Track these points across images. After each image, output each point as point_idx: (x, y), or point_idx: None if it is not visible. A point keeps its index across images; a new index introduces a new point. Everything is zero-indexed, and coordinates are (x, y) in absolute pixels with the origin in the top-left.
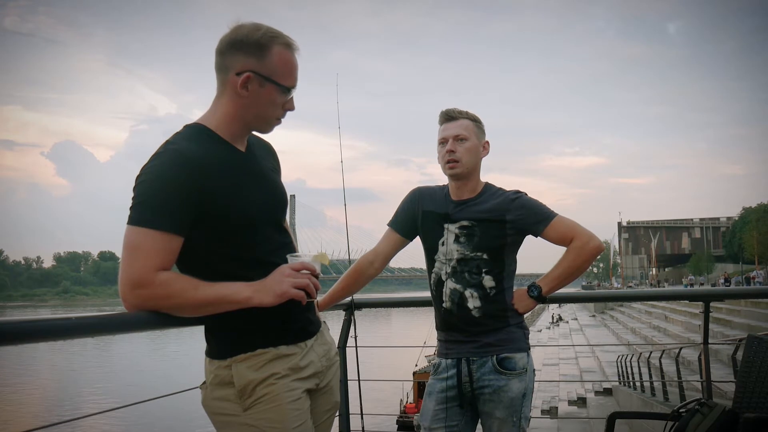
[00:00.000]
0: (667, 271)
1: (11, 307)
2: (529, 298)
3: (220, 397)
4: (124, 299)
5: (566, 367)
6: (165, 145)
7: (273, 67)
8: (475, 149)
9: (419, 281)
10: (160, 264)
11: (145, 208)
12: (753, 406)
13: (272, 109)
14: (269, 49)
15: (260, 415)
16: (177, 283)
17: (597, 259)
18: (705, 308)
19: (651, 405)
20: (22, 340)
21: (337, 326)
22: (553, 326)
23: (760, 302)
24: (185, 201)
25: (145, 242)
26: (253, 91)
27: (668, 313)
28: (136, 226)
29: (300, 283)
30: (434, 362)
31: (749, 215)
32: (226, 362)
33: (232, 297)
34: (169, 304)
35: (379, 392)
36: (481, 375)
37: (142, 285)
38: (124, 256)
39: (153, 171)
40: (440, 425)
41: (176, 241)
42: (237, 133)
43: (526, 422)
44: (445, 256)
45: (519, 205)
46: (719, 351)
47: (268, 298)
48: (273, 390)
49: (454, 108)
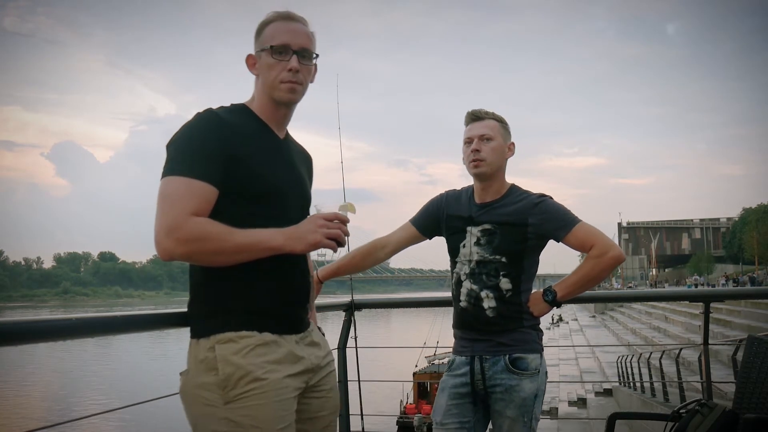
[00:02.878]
0: (667, 272)
1: (11, 308)
2: (544, 302)
3: (200, 385)
4: (159, 244)
5: (566, 368)
6: (198, 112)
7: (263, 39)
8: (500, 149)
9: (419, 281)
10: (194, 209)
11: (178, 159)
12: (753, 406)
13: (272, 72)
14: (264, 28)
15: (243, 411)
16: (212, 225)
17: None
18: (705, 309)
19: (651, 406)
20: (22, 340)
21: (337, 327)
22: (554, 327)
23: (761, 303)
24: (215, 155)
25: (180, 189)
26: (258, 66)
27: (668, 313)
28: (170, 176)
29: (332, 234)
30: (449, 359)
31: (749, 216)
32: (209, 342)
33: (267, 243)
34: (205, 248)
35: (379, 393)
36: (493, 373)
37: (178, 227)
38: (159, 206)
39: (187, 127)
40: (452, 420)
41: (209, 190)
42: (271, 113)
43: (535, 423)
44: (466, 257)
45: (541, 210)
46: (719, 352)
47: (300, 246)
48: (260, 386)
49: (480, 108)
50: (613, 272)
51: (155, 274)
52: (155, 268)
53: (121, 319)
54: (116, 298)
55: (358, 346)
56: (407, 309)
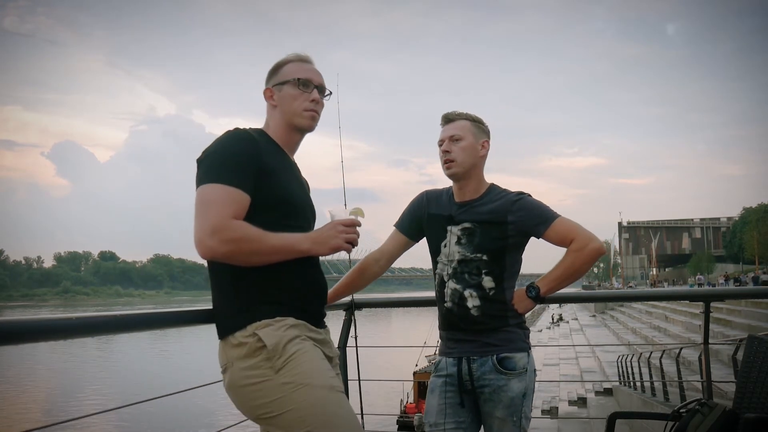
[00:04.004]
0: (668, 272)
1: (12, 307)
2: (528, 299)
3: (249, 366)
4: (202, 244)
5: (566, 367)
6: (230, 129)
7: (283, 74)
8: (471, 148)
9: (419, 281)
10: (234, 213)
11: (216, 169)
12: (753, 406)
13: (295, 102)
14: (281, 67)
15: (295, 370)
16: (251, 228)
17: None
18: (705, 308)
19: (651, 405)
20: (23, 339)
21: (338, 326)
22: (554, 326)
23: (761, 302)
24: (248, 167)
25: (220, 195)
26: (277, 98)
27: (669, 313)
28: (209, 183)
29: (351, 239)
30: (435, 361)
31: (749, 215)
32: (248, 331)
33: (297, 246)
34: (246, 248)
35: (379, 392)
36: (481, 374)
37: (222, 228)
38: (199, 209)
39: (220, 143)
40: (444, 420)
41: (245, 197)
42: (285, 139)
43: (526, 422)
44: (447, 257)
45: (520, 207)
46: (720, 351)
47: (324, 250)
48: (303, 347)
49: (453, 111)
50: (614, 272)
51: (155, 274)
52: (155, 267)
53: (121, 319)
54: (116, 298)
55: (358, 346)
56: (407, 308)
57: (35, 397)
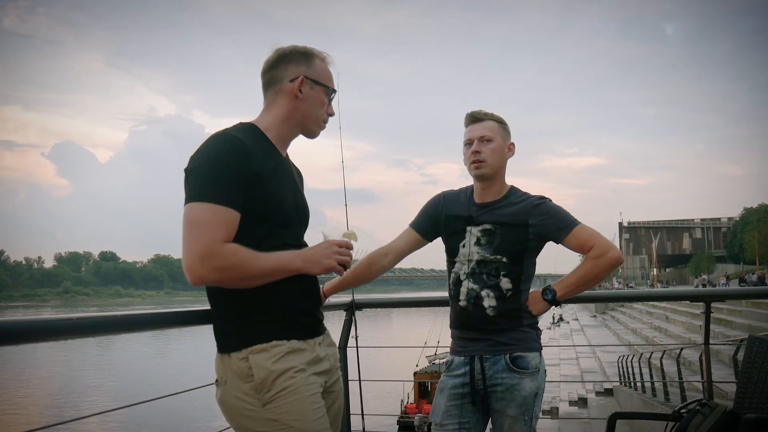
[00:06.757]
0: (668, 272)
1: (12, 307)
2: (543, 301)
3: (238, 394)
4: (192, 272)
5: (567, 368)
6: (216, 133)
7: (319, 72)
8: (501, 150)
9: (420, 281)
10: (224, 236)
11: (203, 185)
12: (754, 406)
13: (320, 110)
14: (313, 57)
15: (281, 408)
16: (243, 253)
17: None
18: (706, 309)
19: (652, 405)
20: (23, 339)
21: (338, 326)
22: (554, 326)
23: (761, 303)
24: (238, 180)
25: (210, 216)
26: (306, 93)
27: (669, 313)
28: (198, 201)
29: (344, 260)
30: (447, 359)
31: (750, 215)
32: (242, 354)
33: (287, 266)
34: (236, 275)
35: (380, 392)
36: (493, 373)
37: (212, 256)
38: (188, 232)
39: (208, 152)
40: (451, 421)
41: (234, 215)
42: (284, 135)
43: (535, 421)
44: (466, 257)
45: (542, 211)
46: (720, 351)
47: (316, 269)
48: (292, 383)
49: (479, 110)
50: (614, 272)
51: (156, 274)
52: (156, 267)
53: (121, 319)
54: (117, 298)
55: (358, 346)
56: (408, 309)
57: (35, 397)
